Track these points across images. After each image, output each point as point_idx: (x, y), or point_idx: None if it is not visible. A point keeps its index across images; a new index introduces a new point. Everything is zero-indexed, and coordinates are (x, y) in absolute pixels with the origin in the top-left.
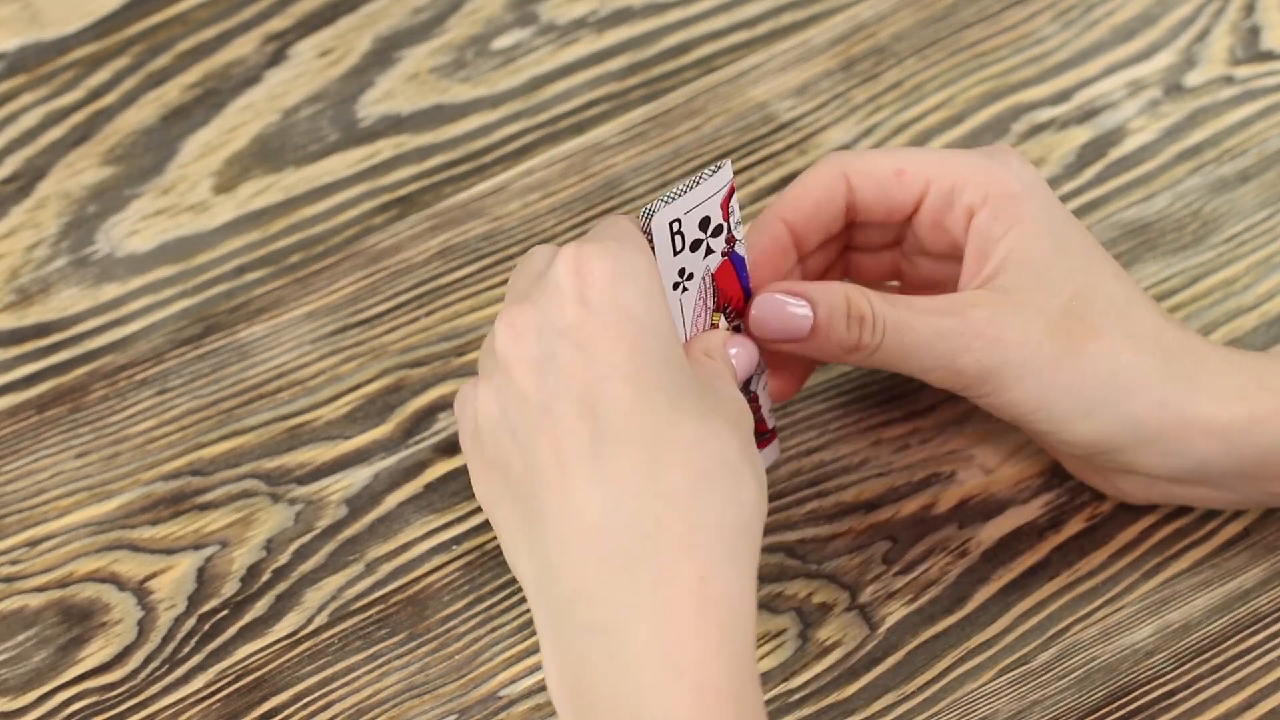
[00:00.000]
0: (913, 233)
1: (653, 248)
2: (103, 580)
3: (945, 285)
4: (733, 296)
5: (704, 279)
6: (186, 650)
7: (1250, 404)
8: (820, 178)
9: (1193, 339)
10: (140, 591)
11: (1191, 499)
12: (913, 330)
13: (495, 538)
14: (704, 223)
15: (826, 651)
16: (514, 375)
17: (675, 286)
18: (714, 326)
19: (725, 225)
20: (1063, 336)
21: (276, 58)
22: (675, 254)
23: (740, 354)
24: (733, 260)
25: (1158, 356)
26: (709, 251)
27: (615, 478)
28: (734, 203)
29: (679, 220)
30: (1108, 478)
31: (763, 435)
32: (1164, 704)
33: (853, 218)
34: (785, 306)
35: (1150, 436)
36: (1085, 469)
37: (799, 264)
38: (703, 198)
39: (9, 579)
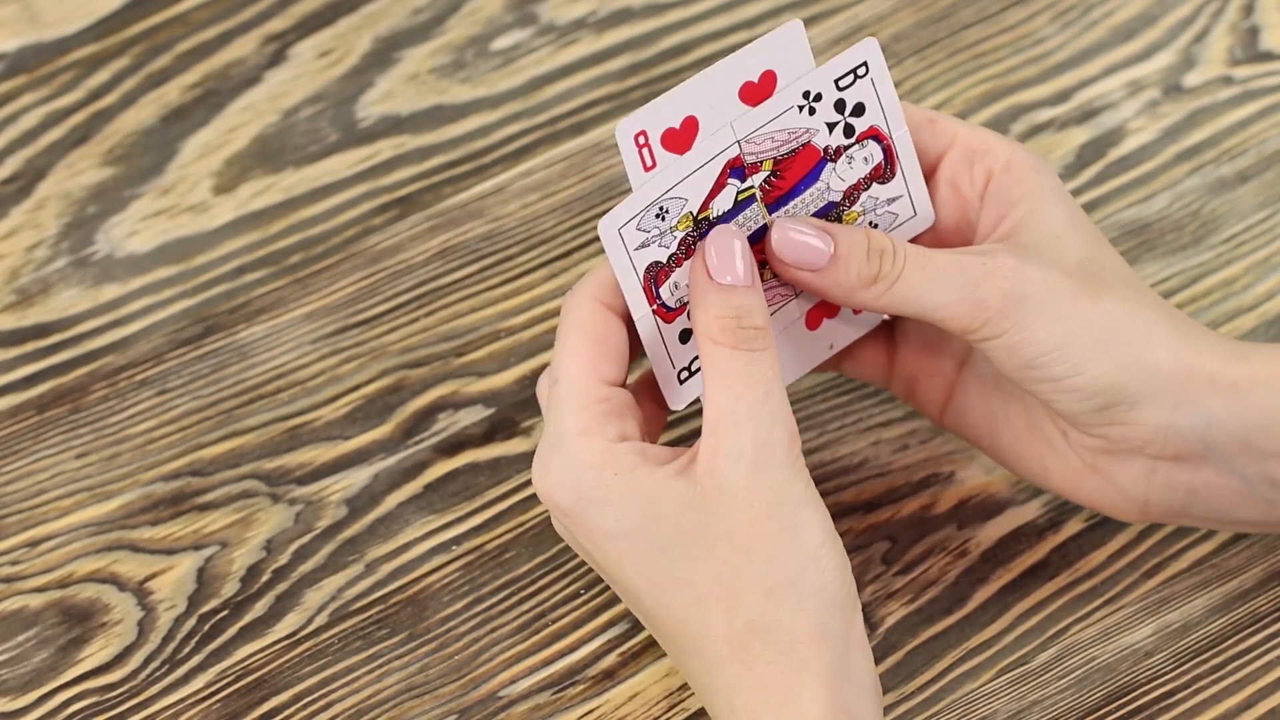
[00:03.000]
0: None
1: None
2: (103, 581)
3: None
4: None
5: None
6: (187, 650)
7: (1253, 365)
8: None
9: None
10: (140, 592)
11: (1192, 491)
12: (933, 262)
13: (495, 537)
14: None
15: None
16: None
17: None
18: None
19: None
20: (1080, 282)
21: (276, 58)
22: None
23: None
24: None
25: (1167, 313)
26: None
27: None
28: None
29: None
30: (1105, 472)
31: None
32: (1163, 704)
33: None
34: (808, 230)
35: (1161, 384)
36: (1084, 476)
37: None
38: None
39: (9, 579)
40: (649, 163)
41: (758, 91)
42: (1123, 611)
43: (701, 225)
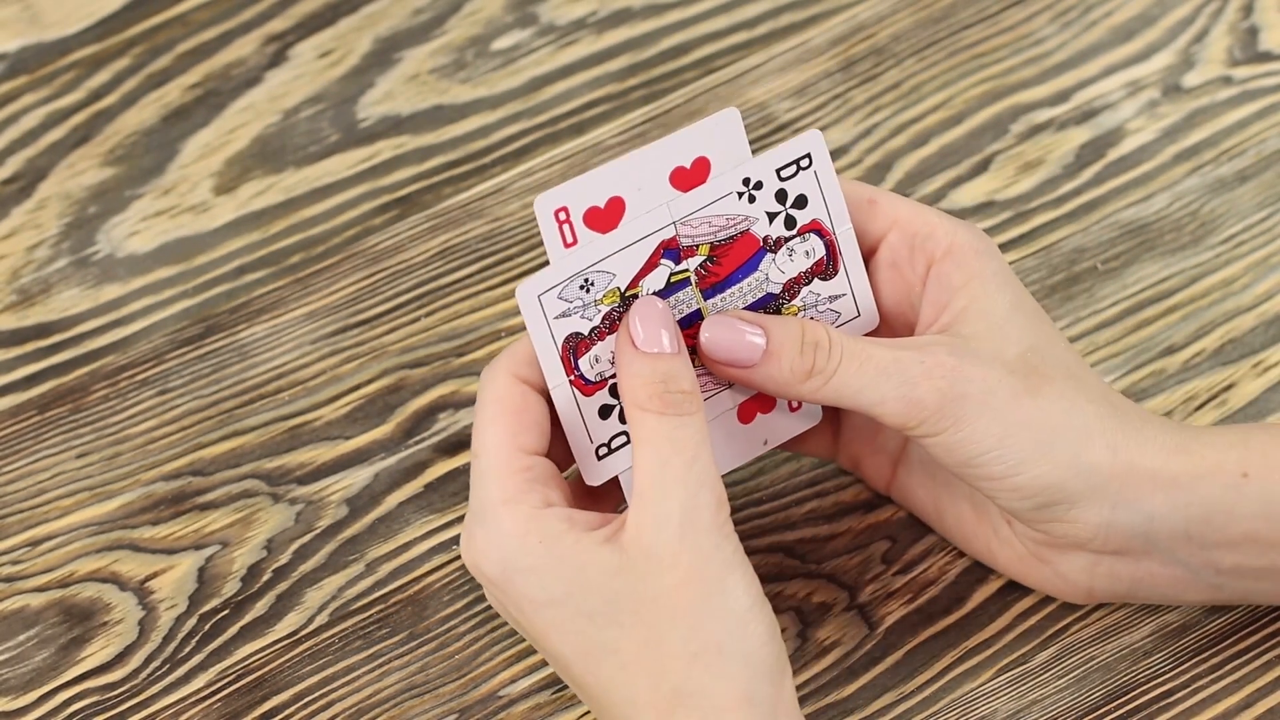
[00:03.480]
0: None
1: None
2: (104, 580)
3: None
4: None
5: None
6: (187, 650)
7: (1194, 458)
8: None
9: (1136, 406)
10: (141, 591)
11: (1136, 580)
12: (870, 357)
13: None
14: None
15: (826, 651)
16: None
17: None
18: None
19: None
20: (1020, 378)
21: (277, 59)
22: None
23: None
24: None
25: (1108, 408)
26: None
27: None
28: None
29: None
30: (1049, 562)
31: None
32: (1162, 703)
33: None
34: (738, 328)
35: (1102, 482)
36: (1030, 562)
37: None
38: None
39: (10, 579)
40: (569, 239)
41: (689, 177)
42: (1121, 611)
43: (629, 302)
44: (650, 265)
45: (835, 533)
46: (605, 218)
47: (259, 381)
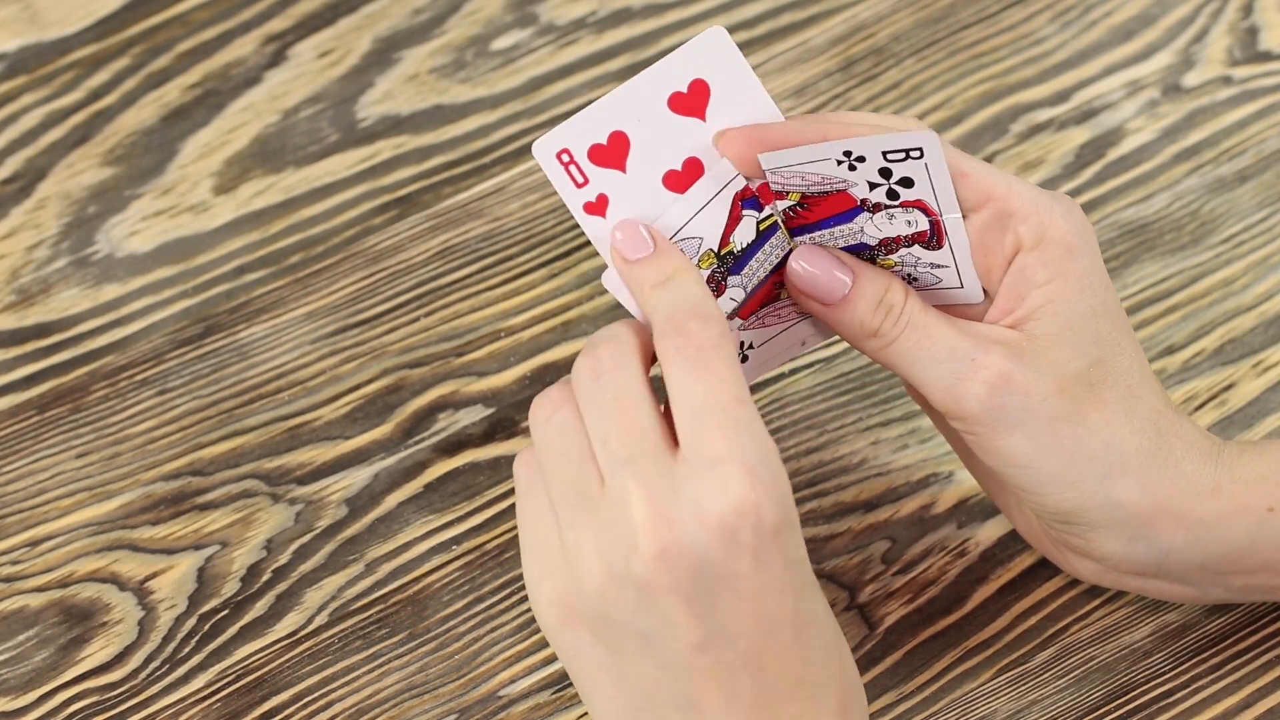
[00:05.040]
0: None
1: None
2: (103, 580)
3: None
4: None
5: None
6: (187, 650)
7: (1224, 499)
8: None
9: (1185, 425)
10: (141, 591)
11: (1144, 590)
12: (930, 338)
13: (495, 537)
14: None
15: None
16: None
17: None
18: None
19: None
20: (1068, 399)
21: (276, 58)
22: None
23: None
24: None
25: (1151, 439)
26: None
27: None
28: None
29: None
30: (1063, 553)
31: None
32: (1162, 703)
33: None
34: (829, 263)
35: (1125, 517)
36: (1043, 539)
37: None
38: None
39: (10, 579)
40: (580, 179)
41: (688, 101)
42: (1121, 611)
43: (726, 260)
44: (734, 219)
45: (835, 533)
46: (611, 153)
47: (259, 381)
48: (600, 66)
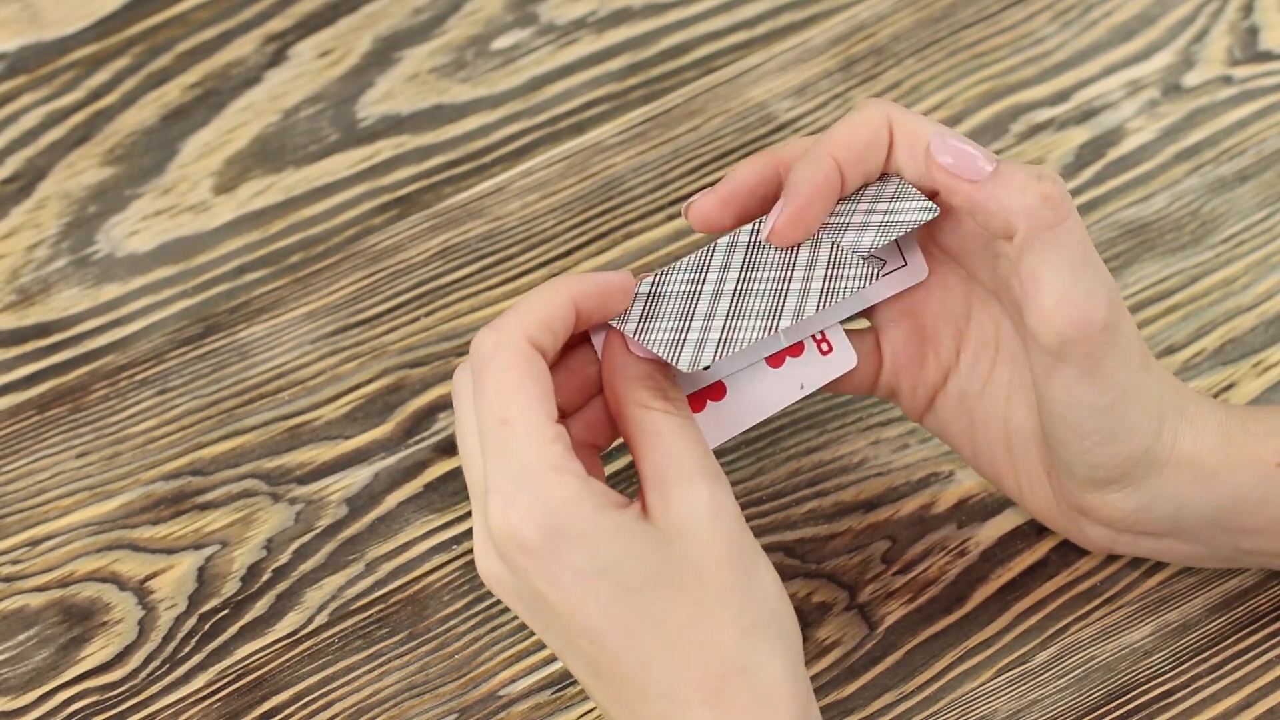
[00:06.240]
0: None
1: None
2: (103, 580)
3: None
4: None
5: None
6: (187, 650)
7: (1234, 449)
8: (869, 121)
9: (1184, 385)
10: (141, 591)
11: (1155, 550)
12: (1071, 239)
13: None
14: None
15: (826, 651)
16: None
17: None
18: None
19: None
20: (1144, 349)
21: (276, 58)
22: None
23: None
24: None
25: (1173, 391)
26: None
27: None
28: None
29: None
30: (1075, 521)
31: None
32: (1162, 703)
33: (883, 169)
34: (966, 146)
35: (1151, 472)
36: (1056, 512)
37: None
38: None
39: (10, 579)
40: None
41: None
42: (1122, 610)
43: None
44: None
45: (835, 533)
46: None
47: (259, 381)
48: (600, 66)
